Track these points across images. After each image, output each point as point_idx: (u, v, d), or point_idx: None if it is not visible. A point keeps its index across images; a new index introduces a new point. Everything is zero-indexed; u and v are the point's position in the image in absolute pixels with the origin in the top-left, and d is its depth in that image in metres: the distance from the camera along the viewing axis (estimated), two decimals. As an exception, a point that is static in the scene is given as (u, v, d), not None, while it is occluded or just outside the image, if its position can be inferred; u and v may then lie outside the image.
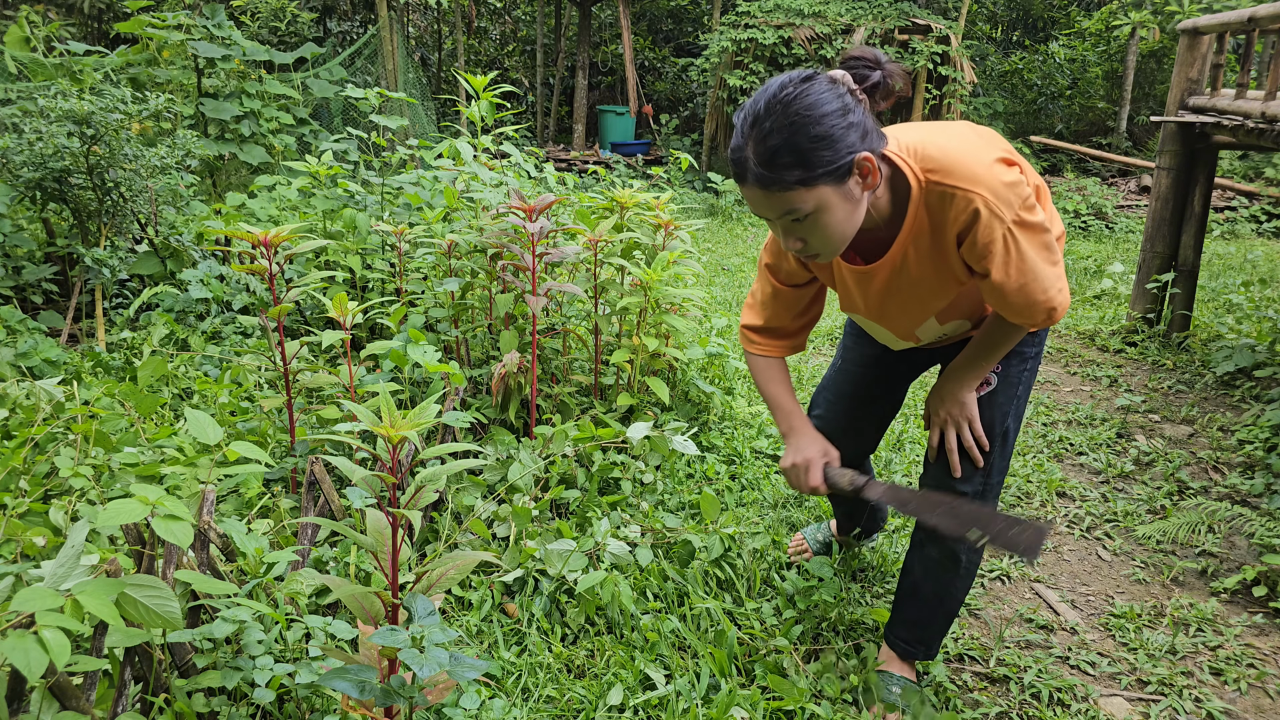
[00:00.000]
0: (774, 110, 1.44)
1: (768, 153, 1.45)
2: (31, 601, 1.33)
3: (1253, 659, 2.28)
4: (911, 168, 1.56)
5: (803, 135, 1.42)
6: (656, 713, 1.95)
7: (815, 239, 1.54)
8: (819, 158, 1.44)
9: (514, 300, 3.23)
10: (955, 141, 1.57)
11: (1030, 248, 1.56)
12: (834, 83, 1.48)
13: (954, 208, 1.53)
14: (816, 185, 1.46)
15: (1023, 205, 1.53)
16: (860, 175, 1.49)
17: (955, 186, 1.52)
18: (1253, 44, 4.26)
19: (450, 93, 13.07)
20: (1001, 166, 1.54)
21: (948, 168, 1.53)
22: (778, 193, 1.47)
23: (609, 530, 2.50)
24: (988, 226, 1.52)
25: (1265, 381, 4.16)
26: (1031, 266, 1.56)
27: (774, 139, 1.44)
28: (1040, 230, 1.57)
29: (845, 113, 1.45)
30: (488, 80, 3.79)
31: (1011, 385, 1.85)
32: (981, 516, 1.67)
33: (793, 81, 1.46)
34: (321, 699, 1.81)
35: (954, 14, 13.27)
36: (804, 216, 1.50)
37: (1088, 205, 9.81)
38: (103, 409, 2.56)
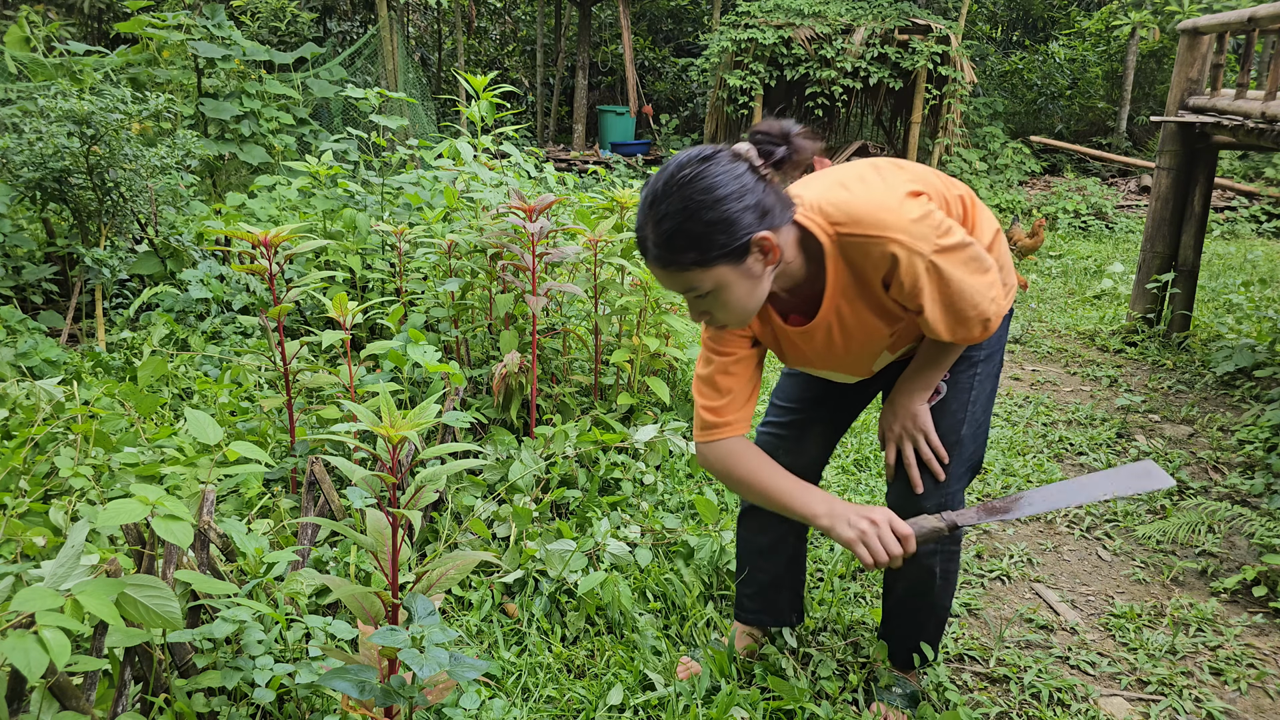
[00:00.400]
0: (671, 192, 1.46)
1: (664, 235, 1.47)
2: (31, 601, 1.33)
3: (1253, 659, 2.28)
4: (819, 225, 1.57)
5: (697, 220, 1.44)
6: (656, 713, 1.95)
7: (719, 313, 1.57)
8: (714, 241, 1.45)
9: (514, 300, 3.23)
10: (857, 188, 1.58)
11: (956, 269, 1.55)
12: (737, 158, 1.49)
13: (871, 256, 1.54)
14: (713, 266, 1.48)
15: (939, 233, 1.53)
16: (760, 253, 1.50)
17: (867, 235, 1.52)
18: (1253, 44, 4.26)
19: (450, 93, 13.07)
20: (909, 202, 1.54)
21: (855, 218, 1.53)
22: (676, 272, 1.50)
23: (609, 530, 2.50)
24: (909, 266, 1.53)
25: (1265, 381, 4.16)
26: (959, 287, 1.56)
27: (669, 222, 1.46)
28: (961, 248, 1.56)
29: (742, 195, 1.46)
30: (488, 80, 3.79)
31: (963, 391, 1.83)
32: (1090, 484, 1.66)
33: (691, 162, 1.47)
34: (321, 699, 1.81)
35: (954, 14, 13.27)
36: (705, 293, 1.53)
37: (1088, 205, 9.81)
38: (103, 409, 2.56)
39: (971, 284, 1.57)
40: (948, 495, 1.83)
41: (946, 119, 10.60)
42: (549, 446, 2.87)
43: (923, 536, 1.67)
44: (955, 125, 10.64)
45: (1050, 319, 5.74)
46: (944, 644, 2.29)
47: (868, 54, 10.46)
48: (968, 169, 10.65)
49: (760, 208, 1.48)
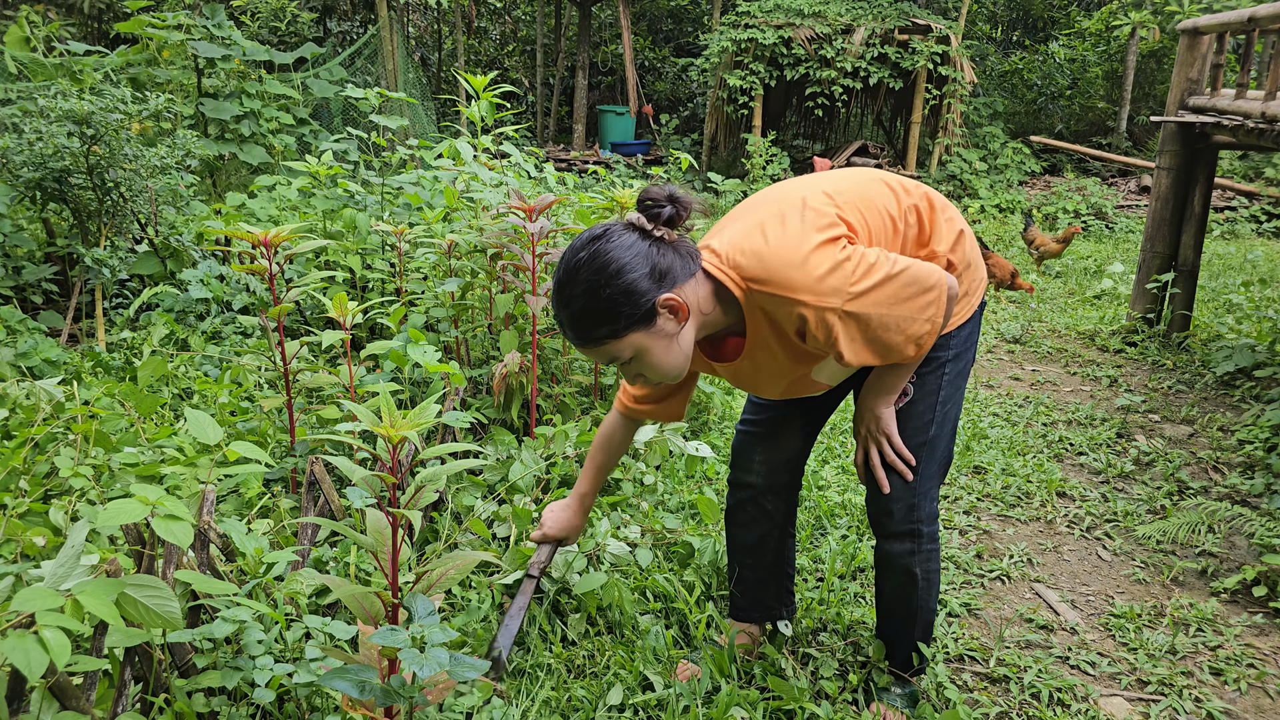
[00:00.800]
0: (572, 278, 1.55)
1: (574, 317, 1.56)
2: (31, 601, 1.33)
3: (1253, 659, 2.28)
4: (731, 277, 1.61)
5: (599, 297, 1.52)
6: (656, 713, 1.95)
7: (649, 373, 1.63)
8: (619, 313, 1.53)
9: (514, 300, 3.23)
10: (772, 235, 1.60)
11: (876, 309, 1.57)
12: (629, 229, 1.57)
13: (781, 311, 1.59)
14: (625, 335, 1.56)
15: (852, 281, 1.55)
16: (669, 313, 1.57)
17: (775, 294, 1.56)
18: (1253, 44, 4.26)
19: (450, 93, 13.07)
20: (817, 255, 1.55)
21: (765, 276, 1.57)
22: (595, 347, 1.58)
23: (609, 531, 2.50)
24: (819, 321, 1.56)
25: (1265, 381, 4.16)
26: (880, 323, 1.58)
27: (576, 305, 1.55)
28: (885, 283, 1.56)
29: (637, 264, 1.53)
30: (488, 80, 3.79)
31: (930, 393, 1.83)
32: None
33: (584, 244, 1.56)
34: (321, 699, 1.81)
35: (954, 14, 13.27)
36: (628, 360, 1.60)
37: (1088, 205, 9.81)
38: (103, 409, 2.56)
39: (897, 314, 1.59)
40: (918, 496, 1.85)
41: (946, 119, 10.60)
42: (549, 446, 2.87)
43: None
44: (955, 125, 10.64)
45: (1050, 319, 5.74)
46: (944, 644, 2.29)
47: (868, 54, 10.46)
48: (968, 169, 10.65)
49: (658, 271, 1.55)
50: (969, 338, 1.86)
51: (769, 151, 10.76)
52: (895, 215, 1.72)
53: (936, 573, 1.96)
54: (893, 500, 1.85)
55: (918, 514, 1.86)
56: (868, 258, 1.57)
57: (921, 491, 1.85)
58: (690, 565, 2.48)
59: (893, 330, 1.59)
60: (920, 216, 1.75)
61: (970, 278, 1.81)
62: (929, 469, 1.86)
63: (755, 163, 10.55)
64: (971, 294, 1.82)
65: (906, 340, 1.62)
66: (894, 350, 1.63)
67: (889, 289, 1.57)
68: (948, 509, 3.10)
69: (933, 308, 1.61)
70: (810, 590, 2.45)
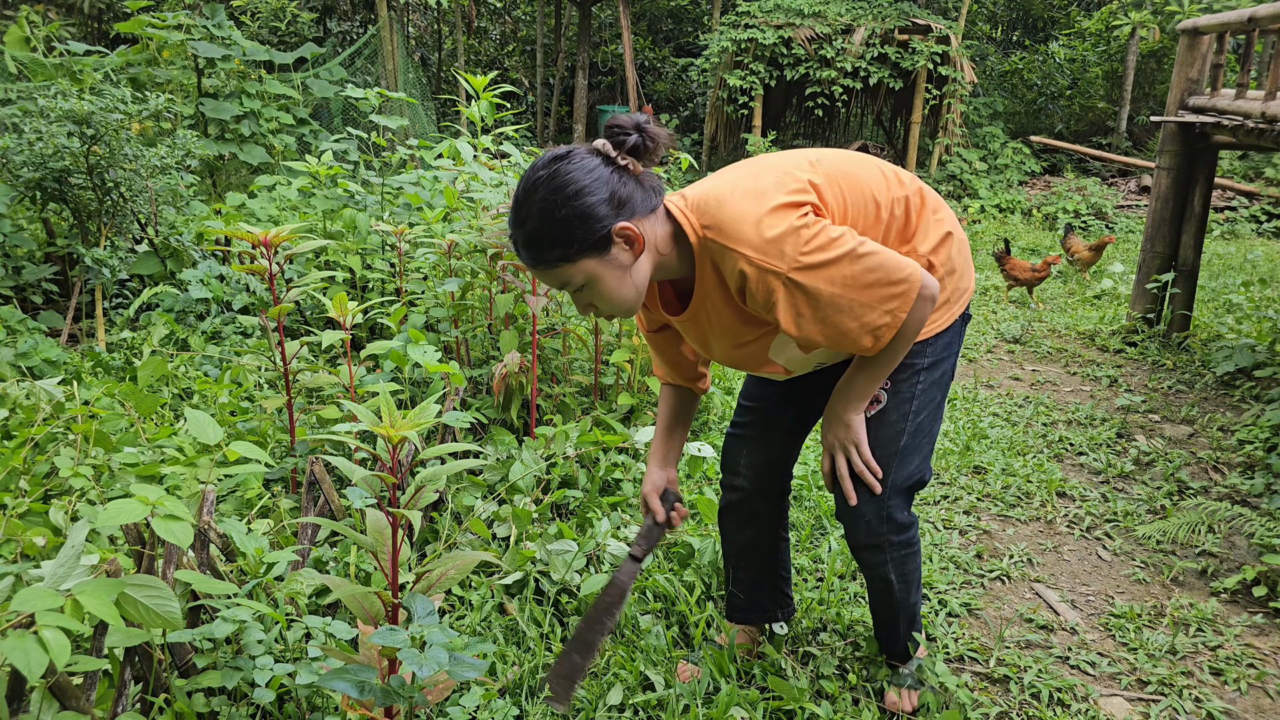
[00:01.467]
0: (529, 195, 1.50)
1: (528, 236, 1.51)
2: (31, 601, 1.33)
3: (1253, 659, 2.28)
4: (691, 223, 1.57)
5: (553, 217, 1.48)
6: (656, 713, 1.95)
7: (601, 304, 1.59)
8: (573, 235, 1.49)
9: (514, 300, 3.23)
10: (737, 191, 1.56)
11: (827, 285, 1.51)
12: (593, 153, 1.52)
13: (726, 263, 1.55)
14: (578, 260, 1.51)
15: (804, 250, 1.50)
16: (625, 243, 1.53)
17: (723, 245, 1.53)
18: (1253, 44, 4.26)
19: (450, 93, 13.07)
20: (773, 217, 1.51)
21: (719, 224, 1.54)
22: (545, 270, 1.54)
23: (609, 531, 2.50)
24: (760, 282, 1.51)
25: (1265, 381, 4.16)
26: (831, 302, 1.52)
27: (530, 224, 1.50)
28: (839, 262, 1.51)
29: (595, 188, 1.49)
30: (488, 80, 3.78)
31: (903, 401, 1.77)
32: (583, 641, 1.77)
33: (545, 163, 1.51)
34: (322, 699, 1.81)
35: (954, 14, 13.27)
36: (580, 287, 1.56)
37: (1088, 205, 9.81)
38: (103, 409, 2.56)
39: (853, 298, 1.53)
40: (887, 508, 1.79)
41: (946, 119, 10.60)
42: (549, 447, 2.87)
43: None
44: (955, 125, 10.64)
45: (1050, 319, 5.74)
46: (944, 644, 2.29)
47: (868, 54, 10.46)
48: (968, 169, 10.65)
49: (617, 199, 1.50)
50: (948, 346, 1.80)
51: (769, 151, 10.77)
52: (881, 202, 1.67)
53: (915, 572, 1.93)
54: (860, 513, 1.80)
55: (886, 526, 1.80)
56: (829, 232, 1.52)
57: (891, 504, 1.79)
58: (690, 565, 2.48)
59: (845, 314, 1.54)
60: (909, 210, 1.70)
61: (953, 285, 1.74)
62: (899, 480, 1.79)
63: (755, 163, 10.54)
64: (953, 302, 1.76)
65: (862, 329, 1.56)
66: (846, 337, 1.57)
67: (847, 269, 1.51)
68: (948, 509, 3.10)
69: (896, 300, 1.55)
70: (810, 590, 2.45)
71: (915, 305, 1.56)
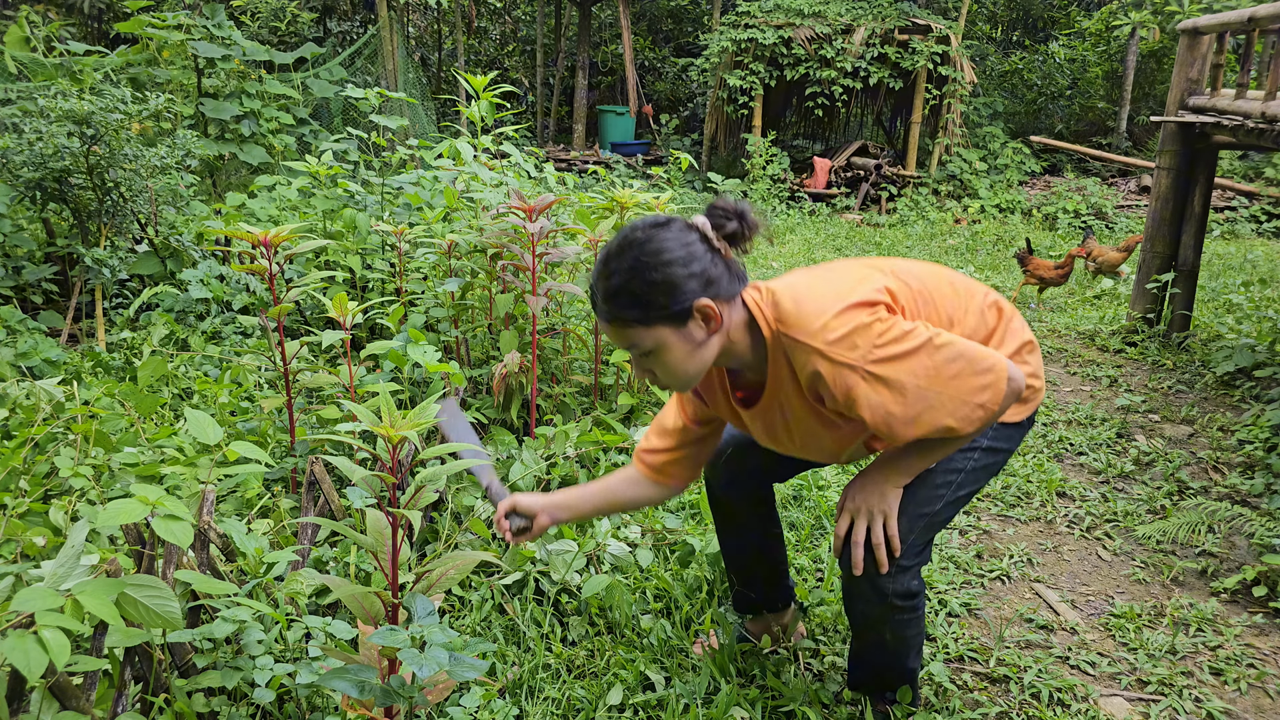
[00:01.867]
0: (622, 252, 1.54)
1: (610, 291, 1.54)
2: (31, 601, 1.33)
3: (1253, 659, 2.28)
4: (765, 317, 1.59)
5: (641, 279, 1.51)
6: (656, 713, 1.95)
7: (660, 373, 1.61)
8: (655, 301, 1.51)
9: (514, 300, 3.23)
10: (813, 290, 1.58)
11: (911, 378, 1.50)
12: (690, 228, 1.55)
13: (798, 359, 1.56)
14: (654, 326, 1.54)
15: (879, 344, 1.50)
16: (702, 320, 1.54)
17: (795, 339, 1.54)
18: (1253, 44, 4.26)
19: (450, 93, 13.07)
20: (849, 314, 1.52)
21: (793, 319, 1.55)
22: (619, 328, 1.56)
23: (609, 531, 2.50)
24: (836, 378, 1.52)
25: (1265, 381, 4.16)
26: (919, 397, 1.51)
27: (616, 280, 1.53)
28: (918, 353, 1.51)
29: (689, 261, 1.52)
30: (488, 80, 3.79)
31: (954, 470, 1.73)
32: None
33: (645, 226, 1.55)
34: (322, 699, 1.81)
35: (954, 14, 13.27)
36: (647, 352, 1.57)
37: (1088, 205, 9.81)
38: (103, 409, 2.56)
39: (939, 391, 1.51)
40: (898, 582, 1.70)
41: (946, 119, 10.60)
42: (549, 447, 2.87)
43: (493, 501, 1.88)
44: (955, 125, 10.64)
45: (1050, 319, 5.75)
46: (944, 644, 2.29)
47: (868, 54, 10.46)
48: (968, 169, 10.65)
49: (705, 276, 1.53)
50: (1010, 438, 1.78)
51: (769, 151, 10.77)
52: (954, 313, 1.68)
53: (915, 638, 1.83)
54: (868, 578, 1.71)
55: (893, 588, 1.70)
56: (902, 325, 1.52)
57: (904, 568, 1.70)
58: (690, 565, 2.48)
59: (937, 409, 1.52)
60: (984, 319, 1.72)
61: (1023, 386, 1.65)
62: (917, 544, 1.71)
63: (755, 163, 10.55)
64: (1029, 402, 1.76)
65: (962, 423, 1.53)
66: (940, 432, 1.55)
67: (927, 360, 1.51)
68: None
69: (988, 392, 1.52)
70: (810, 590, 2.45)
71: (1005, 395, 1.54)
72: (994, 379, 1.52)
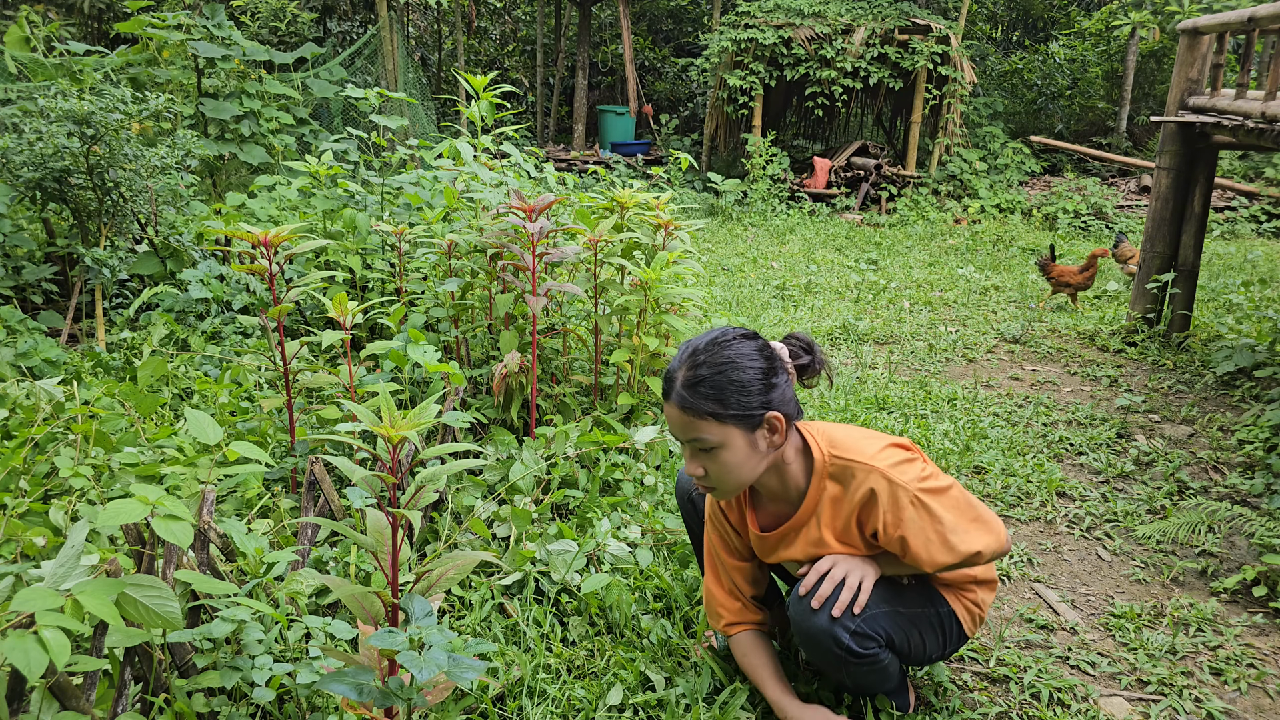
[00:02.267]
0: (711, 349, 1.67)
1: (693, 379, 1.65)
2: (31, 601, 1.33)
3: (1253, 659, 2.28)
4: (819, 444, 1.76)
5: (725, 376, 1.64)
6: (656, 713, 1.95)
7: (714, 472, 1.70)
8: (734, 400, 1.64)
9: (514, 300, 3.23)
10: (855, 433, 1.80)
11: (948, 511, 1.70)
12: (770, 349, 1.71)
13: (853, 481, 1.71)
14: (726, 423, 1.65)
15: (921, 477, 1.70)
16: (769, 431, 1.68)
17: (853, 462, 1.71)
18: (1253, 44, 4.26)
19: (450, 93, 13.07)
20: (894, 450, 1.75)
21: (847, 446, 1.74)
22: (691, 418, 1.66)
23: (609, 531, 2.50)
24: (892, 497, 1.68)
25: (1265, 381, 4.16)
26: (953, 528, 1.69)
27: (702, 370, 1.65)
28: (952, 490, 1.73)
29: (768, 374, 1.67)
30: (488, 80, 3.78)
31: (925, 597, 1.84)
32: None
33: (736, 334, 1.70)
34: (321, 699, 1.81)
35: (954, 14, 13.27)
36: (710, 448, 1.67)
37: (1088, 205, 9.81)
38: (103, 409, 2.56)
39: (967, 526, 1.70)
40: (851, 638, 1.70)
41: (946, 119, 10.60)
42: (549, 447, 2.87)
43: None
44: (955, 125, 10.64)
45: (1050, 319, 5.75)
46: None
47: (868, 54, 10.46)
48: (968, 169, 10.65)
49: (781, 394, 1.69)
50: (962, 637, 1.90)
51: (769, 151, 10.77)
52: None
53: (877, 683, 1.83)
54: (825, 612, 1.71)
55: (846, 641, 1.71)
56: (932, 467, 1.73)
57: (857, 632, 1.71)
58: (690, 565, 2.48)
59: (967, 535, 1.69)
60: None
61: (989, 591, 1.94)
62: (881, 625, 1.74)
63: (755, 163, 10.55)
64: (990, 595, 1.94)
65: (988, 550, 1.71)
66: (949, 553, 1.69)
67: (959, 495, 1.73)
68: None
69: (992, 536, 1.73)
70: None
71: (1005, 540, 1.76)
72: (998, 527, 1.75)
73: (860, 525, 1.74)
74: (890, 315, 5.83)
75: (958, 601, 1.88)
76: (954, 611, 1.87)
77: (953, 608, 1.87)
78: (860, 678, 1.80)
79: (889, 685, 1.88)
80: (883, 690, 1.89)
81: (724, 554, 1.97)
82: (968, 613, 1.89)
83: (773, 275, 7.00)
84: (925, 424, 3.82)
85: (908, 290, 6.59)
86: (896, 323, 5.63)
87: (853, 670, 1.77)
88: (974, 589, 1.90)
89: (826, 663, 1.77)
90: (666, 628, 2.22)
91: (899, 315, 5.84)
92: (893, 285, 6.71)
